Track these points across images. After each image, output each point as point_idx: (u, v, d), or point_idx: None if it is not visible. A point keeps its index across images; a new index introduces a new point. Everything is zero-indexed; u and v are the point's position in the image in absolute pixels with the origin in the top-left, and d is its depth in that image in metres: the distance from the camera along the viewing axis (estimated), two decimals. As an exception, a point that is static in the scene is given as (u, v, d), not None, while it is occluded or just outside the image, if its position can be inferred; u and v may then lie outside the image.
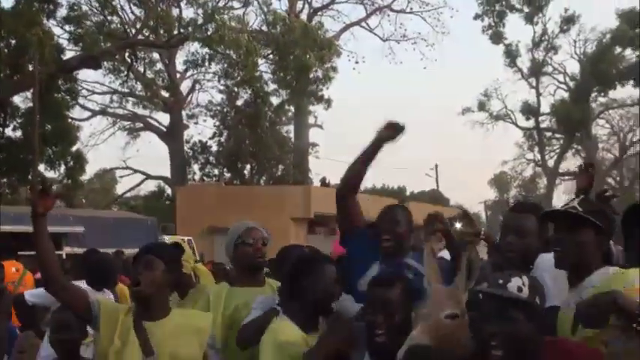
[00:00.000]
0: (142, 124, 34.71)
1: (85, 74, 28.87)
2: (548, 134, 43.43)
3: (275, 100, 32.73)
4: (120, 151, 35.66)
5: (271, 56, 30.38)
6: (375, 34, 36.55)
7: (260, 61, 29.80)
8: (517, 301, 2.48)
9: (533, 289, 2.52)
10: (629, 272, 2.67)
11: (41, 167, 24.64)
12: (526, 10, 40.69)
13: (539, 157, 43.14)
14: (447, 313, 2.78)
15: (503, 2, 40.20)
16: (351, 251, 3.97)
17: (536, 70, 41.95)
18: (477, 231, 4.15)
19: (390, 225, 3.74)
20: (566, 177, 41.72)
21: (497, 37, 40.85)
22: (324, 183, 29.79)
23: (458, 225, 4.06)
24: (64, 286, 3.20)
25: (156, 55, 32.71)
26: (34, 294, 5.44)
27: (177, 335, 3.22)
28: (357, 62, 34.68)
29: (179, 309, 3.46)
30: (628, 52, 39.35)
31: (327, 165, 49.56)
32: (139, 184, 36.80)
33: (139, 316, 3.18)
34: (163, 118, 34.03)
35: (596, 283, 2.65)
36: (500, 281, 2.55)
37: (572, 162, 42.72)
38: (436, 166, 43.42)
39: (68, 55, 25.97)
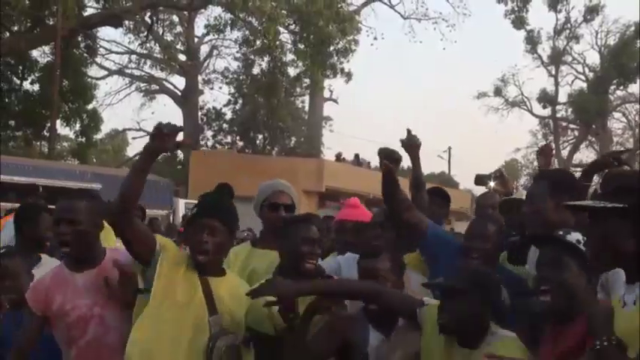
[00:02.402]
0: (157, 87, 34.79)
1: (103, 32, 28.76)
2: (564, 124, 43.26)
3: (292, 71, 32.36)
4: (134, 113, 35.76)
5: (292, 26, 30.23)
6: (397, 12, 35.64)
7: (281, 30, 29.69)
8: (574, 250, 2.56)
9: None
10: None
11: (57, 123, 24.70)
12: None
13: (553, 146, 42.65)
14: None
15: None
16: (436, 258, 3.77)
17: (556, 59, 41.66)
18: (509, 191, 4.31)
19: (480, 243, 3.52)
20: (579, 168, 41.71)
21: (519, 22, 40.12)
22: (338, 158, 29.73)
23: (492, 183, 4.29)
24: (132, 221, 3.05)
25: (175, 18, 32.66)
26: None
27: (234, 297, 3.14)
28: (375, 38, 34.09)
29: (231, 272, 3.40)
30: None
31: (340, 139, 49.74)
32: None
33: (200, 270, 3.11)
34: (179, 82, 34.08)
35: None
36: (560, 233, 2.65)
37: (585, 154, 42.61)
38: (449, 148, 43.30)
39: (89, 11, 25.96)
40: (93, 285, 3.24)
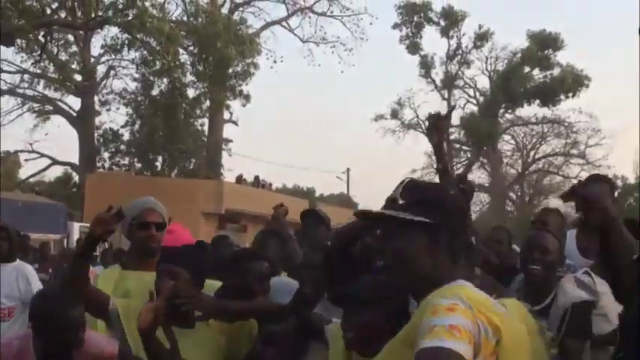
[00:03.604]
0: (51, 107, 33.81)
1: None
2: (457, 146, 44.18)
3: (192, 93, 32.66)
4: (26, 134, 34.93)
5: (191, 48, 30.24)
6: (295, 35, 36.64)
7: (180, 51, 29.54)
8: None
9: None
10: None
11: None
12: (442, 23, 41.49)
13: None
14: None
15: (422, 14, 40.99)
16: None
17: (449, 83, 42.88)
18: None
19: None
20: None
21: (413, 48, 41.58)
22: (239, 180, 29.82)
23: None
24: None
25: (71, 37, 31.98)
26: None
27: (202, 349, 3.13)
28: (274, 61, 34.51)
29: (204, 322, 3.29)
30: (536, 72, 41.01)
31: (240, 161, 49.68)
32: (44, 169, 35.90)
33: (167, 319, 3.02)
34: (75, 103, 33.33)
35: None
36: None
37: (477, 174, 44.01)
38: (347, 170, 43.93)
39: None
40: None
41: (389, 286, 2.73)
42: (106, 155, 34.37)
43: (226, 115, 35.24)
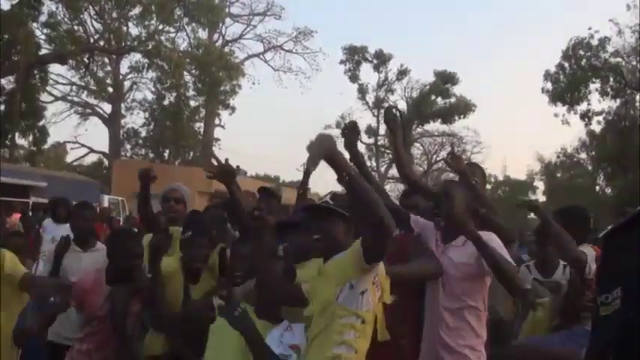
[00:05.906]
0: (90, 111, 33.84)
1: (52, 68, 28.35)
2: (382, 149, 43.98)
3: (192, 104, 32.87)
4: (72, 129, 34.50)
5: (193, 71, 30.68)
6: (269, 65, 36.78)
7: (185, 73, 30.10)
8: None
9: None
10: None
11: (16, 135, 24.39)
12: (375, 62, 41.60)
13: (375, 165, 43.63)
14: None
15: (360, 54, 41.27)
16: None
17: (378, 104, 42.42)
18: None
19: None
20: (392, 180, 44.10)
21: (353, 78, 41.72)
22: (226, 168, 30.42)
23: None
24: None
25: (106, 60, 32.19)
26: None
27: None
28: (253, 83, 35.15)
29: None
30: (439, 99, 41.51)
31: (226, 154, 49.38)
32: (84, 156, 35.92)
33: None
34: (107, 108, 33.44)
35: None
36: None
37: (395, 171, 44.81)
38: (304, 164, 44.28)
39: (43, 51, 25.63)
40: None
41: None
42: (128, 147, 34.45)
43: (217, 121, 35.49)
